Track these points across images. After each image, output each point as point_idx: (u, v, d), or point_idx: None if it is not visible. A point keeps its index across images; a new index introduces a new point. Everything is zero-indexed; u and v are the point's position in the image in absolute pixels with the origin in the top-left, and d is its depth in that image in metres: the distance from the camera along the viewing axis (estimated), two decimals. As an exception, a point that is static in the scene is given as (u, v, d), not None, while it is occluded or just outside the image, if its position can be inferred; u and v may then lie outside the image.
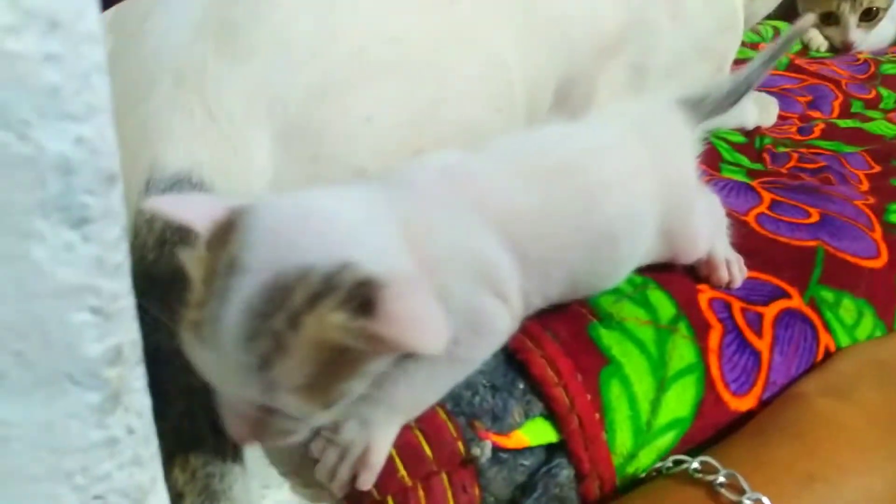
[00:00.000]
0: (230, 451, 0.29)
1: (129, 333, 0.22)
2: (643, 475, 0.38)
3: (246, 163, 0.37)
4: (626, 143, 0.41)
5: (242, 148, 0.37)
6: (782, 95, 0.89)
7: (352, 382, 0.28)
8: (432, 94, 0.45)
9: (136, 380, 0.23)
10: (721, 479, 0.34)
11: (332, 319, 0.26)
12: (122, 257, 0.22)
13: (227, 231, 0.28)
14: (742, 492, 0.33)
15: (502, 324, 0.36)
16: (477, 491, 0.34)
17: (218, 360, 0.27)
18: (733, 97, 0.49)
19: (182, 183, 0.36)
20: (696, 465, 0.35)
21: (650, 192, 0.41)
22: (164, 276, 0.34)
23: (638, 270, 0.45)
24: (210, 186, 0.36)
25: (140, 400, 0.24)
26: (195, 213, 0.29)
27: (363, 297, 0.26)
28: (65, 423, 0.22)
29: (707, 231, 0.45)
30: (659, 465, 0.38)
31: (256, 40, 0.40)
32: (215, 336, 0.26)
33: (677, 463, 0.37)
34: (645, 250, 0.43)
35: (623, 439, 0.37)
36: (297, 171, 0.38)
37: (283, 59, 0.40)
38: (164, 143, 0.37)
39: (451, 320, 0.31)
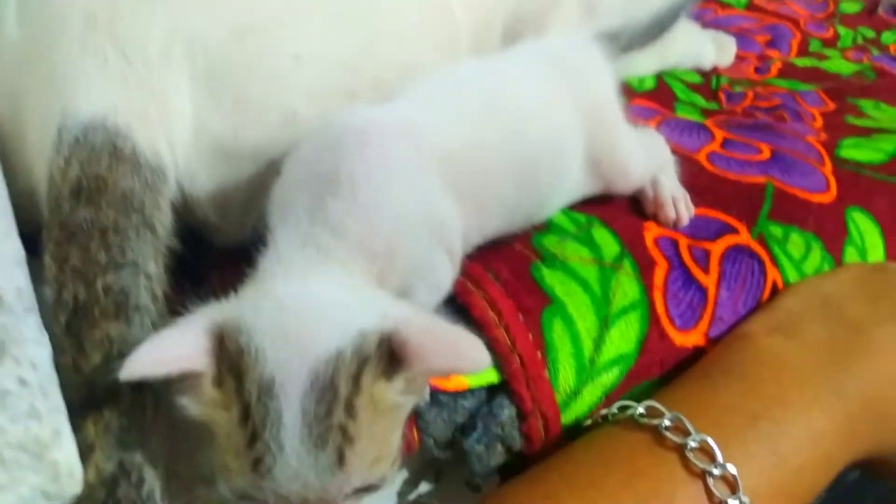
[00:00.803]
0: (150, 407, 0.28)
1: (11, 280, 0.21)
2: (589, 422, 0.38)
3: (164, 107, 0.35)
4: (540, 73, 0.42)
5: (160, 92, 0.35)
6: (740, 35, 0.88)
7: (402, 427, 0.29)
8: (367, 33, 0.43)
9: (26, 330, 0.22)
10: (666, 422, 0.34)
11: (379, 390, 0.26)
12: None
13: (230, 359, 0.26)
14: (687, 434, 0.33)
15: (448, 276, 0.36)
16: (415, 433, 0.34)
17: (292, 482, 0.26)
18: (656, 29, 0.48)
19: (96, 129, 0.34)
20: (641, 409, 0.35)
21: (569, 118, 0.41)
22: (82, 227, 0.32)
23: (583, 209, 0.44)
24: (126, 132, 0.34)
25: (34, 351, 0.22)
26: (183, 355, 0.26)
27: (390, 353, 0.27)
28: (-55, 376, 0.20)
29: (640, 160, 0.44)
30: (604, 411, 0.37)
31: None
32: (284, 463, 0.25)
33: (622, 409, 0.37)
34: (575, 181, 0.42)
35: (566, 377, 0.37)
36: (221, 116, 0.36)
37: (200, -2, 0.37)
38: (76, 89, 0.35)
39: (404, 274, 0.32)
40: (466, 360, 0.27)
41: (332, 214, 0.31)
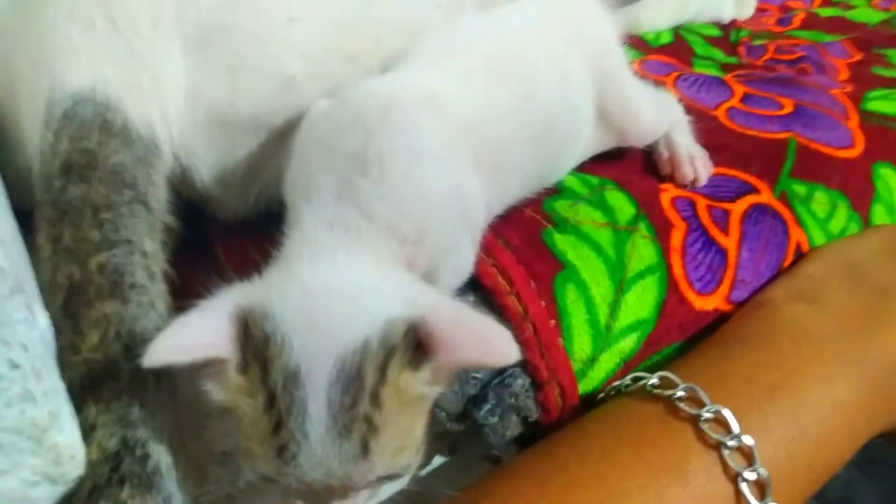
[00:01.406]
0: (151, 382, 0.27)
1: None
2: (602, 395, 0.37)
3: (155, 77, 0.34)
4: (543, 25, 0.41)
5: (151, 60, 0.34)
6: (761, -14, 0.84)
7: (426, 416, 0.28)
8: None
9: (13, 311, 0.21)
10: (679, 393, 0.32)
11: (405, 381, 0.26)
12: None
13: (255, 346, 0.26)
14: (702, 405, 0.32)
15: (471, 258, 0.35)
16: (426, 407, 0.33)
17: (316, 470, 0.25)
18: None
19: (85, 102, 0.33)
20: (654, 380, 0.34)
21: (577, 69, 0.40)
22: (73, 205, 0.31)
23: (596, 172, 0.43)
24: (116, 104, 0.33)
25: (24, 332, 0.21)
26: (208, 342, 0.26)
27: (416, 343, 0.26)
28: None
29: (651, 108, 0.43)
30: (617, 383, 0.36)
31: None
32: (308, 451, 0.25)
33: (636, 380, 0.35)
34: (587, 134, 0.41)
35: (581, 344, 0.35)
36: (215, 83, 0.35)
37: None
38: (64, 60, 0.33)
39: (431, 257, 0.31)
40: (494, 354, 0.26)
41: (360, 195, 0.30)
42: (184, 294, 0.30)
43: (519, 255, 0.36)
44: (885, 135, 0.52)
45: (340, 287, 0.28)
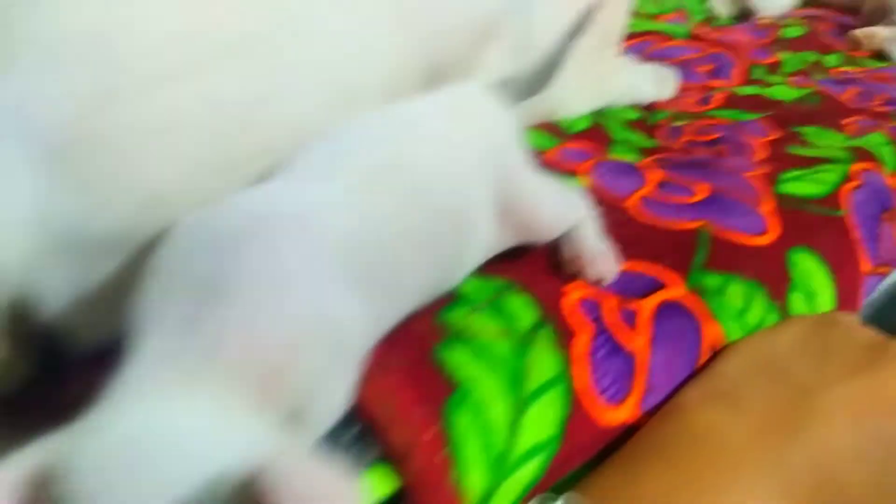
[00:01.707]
0: None
1: None
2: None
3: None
4: (438, 125, 0.39)
5: (-7, 180, 0.31)
6: (683, 66, 0.86)
7: None
8: (256, 90, 0.38)
9: None
10: None
11: None
12: None
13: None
14: None
15: (346, 395, 0.31)
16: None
17: None
18: (544, 73, 0.48)
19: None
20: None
21: (473, 169, 0.38)
22: None
23: (495, 273, 0.40)
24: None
25: None
26: None
27: (252, 499, 0.22)
28: None
29: (553, 204, 0.42)
30: None
31: (14, 48, 0.33)
32: None
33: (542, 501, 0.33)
34: (486, 236, 0.39)
35: (477, 476, 0.32)
36: (67, 200, 0.32)
37: (50, 66, 0.33)
38: None
39: (294, 396, 0.27)
40: None
41: (207, 325, 0.27)
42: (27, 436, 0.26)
43: (406, 376, 0.33)
44: (799, 218, 0.52)
45: (164, 436, 0.24)
